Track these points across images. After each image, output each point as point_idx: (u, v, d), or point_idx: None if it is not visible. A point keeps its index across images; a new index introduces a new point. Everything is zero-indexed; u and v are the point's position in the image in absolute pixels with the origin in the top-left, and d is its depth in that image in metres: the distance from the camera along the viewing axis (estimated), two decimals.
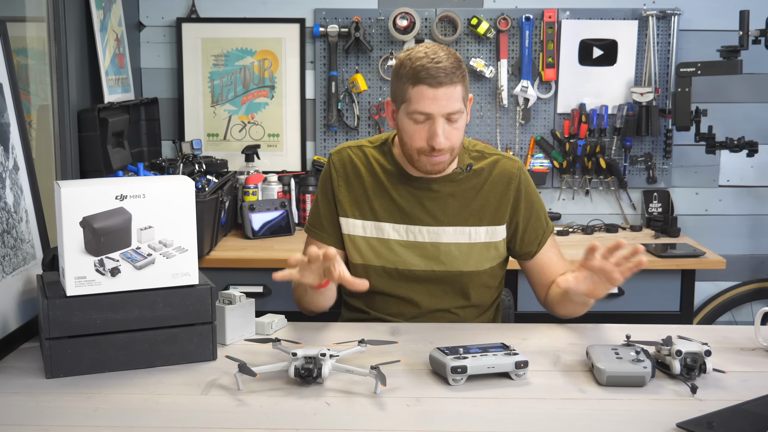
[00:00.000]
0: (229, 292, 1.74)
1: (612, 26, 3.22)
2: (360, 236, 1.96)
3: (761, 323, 1.71)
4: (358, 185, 1.96)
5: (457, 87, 1.79)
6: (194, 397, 1.46)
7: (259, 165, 3.28)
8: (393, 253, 1.94)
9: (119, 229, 1.56)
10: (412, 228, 1.94)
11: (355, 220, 1.96)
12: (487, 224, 1.94)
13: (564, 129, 3.27)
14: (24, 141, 1.84)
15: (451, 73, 1.77)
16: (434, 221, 1.93)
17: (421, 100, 1.78)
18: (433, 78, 1.76)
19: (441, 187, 1.93)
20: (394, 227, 1.94)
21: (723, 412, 1.35)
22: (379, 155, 1.98)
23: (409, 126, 1.82)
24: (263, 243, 2.98)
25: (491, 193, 1.94)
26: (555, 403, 1.43)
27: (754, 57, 3.11)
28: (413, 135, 1.82)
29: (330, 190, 1.99)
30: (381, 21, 3.24)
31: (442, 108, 1.78)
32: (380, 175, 1.96)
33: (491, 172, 1.95)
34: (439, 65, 1.76)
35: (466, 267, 1.94)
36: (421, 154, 1.83)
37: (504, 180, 1.95)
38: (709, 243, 3.13)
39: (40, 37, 2.45)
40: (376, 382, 1.45)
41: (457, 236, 1.93)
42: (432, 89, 1.76)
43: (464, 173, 1.94)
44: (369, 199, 1.95)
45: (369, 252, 1.95)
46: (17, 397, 1.45)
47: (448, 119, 1.80)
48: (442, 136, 1.79)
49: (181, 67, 3.29)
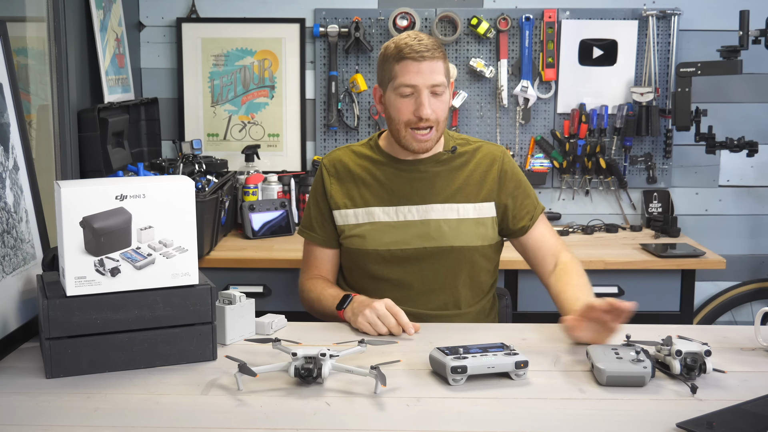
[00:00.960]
0: (229, 292, 1.74)
1: (612, 26, 3.22)
2: (353, 224, 2.04)
3: (761, 323, 1.71)
4: (349, 179, 2.06)
5: (439, 62, 1.92)
6: (194, 397, 1.46)
7: (259, 165, 3.28)
8: (385, 235, 2.01)
9: (119, 229, 1.56)
10: (401, 209, 2.02)
11: (347, 210, 2.04)
12: (474, 201, 2.02)
13: (564, 129, 3.27)
14: (24, 141, 1.84)
15: (432, 49, 1.91)
16: (422, 199, 2.01)
17: (407, 73, 1.91)
18: (416, 52, 1.90)
19: (427, 167, 2.03)
20: (384, 210, 2.02)
21: (723, 412, 1.35)
22: (367, 150, 2.09)
23: (396, 101, 1.94)
24: (263, 243, 2.98)
25: (476, 172, 2.04)
26: (555, 403, 1.43)
27: (754, 57, 3.11)
28: (400, 108, 1.93)
29: (321, 191, 2.08)
30: (381, 21, 3.24)
31: (427, 80, 1.90)
32: (368, 165, 2.06)
33: (475, 155, 2.06)
34: (421, 42, 1.91)
35: (456, 242, 2.00)
36: (408, 129, 1.94)
37: (488, 160, 2.05)
38: (709, 243, 3.13)
39: (40, 37, 2.45)
40: (376, 382, 1.45)
41: (446, 212, 2.01)
42: (416, 63, 1.90)
43: (449, 154, 2.04)
44: (359, 188, 2.04)
45: (362, 238, 2.02)
46: (17, 397, 1.45)
47: (433, 92, 1.92)
48: (428, 107, 1.90)
49: (181, 67, 3.29)
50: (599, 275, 2.78)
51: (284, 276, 2.77)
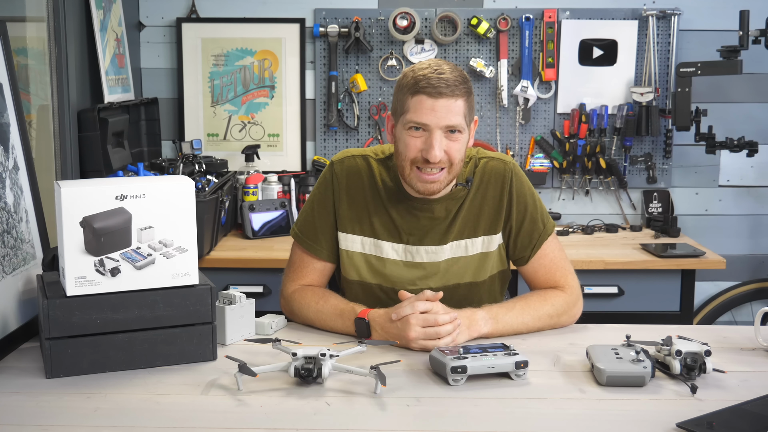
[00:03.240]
0: (229, 292, 1.74)
1: (612, 26, 3.22)
2: (358, 252, 1.90)
3: (761, 323, 1.71)
4: (360, 199, 1.89)
5: (459, 101, 1.71)
6: (194, 397, 1.46)
7: (259, 165, 3.28)
8: (391, 273, 1.88)
9: (119, 229, 1.56)
10: (410, 248, 1.87)
11: (354, 235, 1.89)
12: (482, 234, 1.88)
13: (564, 129, 3.27)
14: (24, 141, 1.84)
15: (453, 86, 1.70)
16: (433, 241, 1.87)
17: (420, 110, 1.71)
18: (433, 87, 1.69)
19: (442, 207, 1.85)
20: (393, 246, 1.88)
21: (723, 412, 1.35)
22: (383, 170, 1.89)
23: (405, 136, 1.75)
24: (263, 243, 2.98)
25: (485, 202, 1.88)
26: (555, 403, 1.43)
27: (754, 57, 3.11)
28: (408, 145, 1.74)
29: (330, 202, 1.91)
30: (381, 21, 3.24)
31: (440, 120, 1.70)
32: (381, 191, 1.88)
33: (482, 179, 1.88)
34: (441, 76, 1.70)
35: (462, 280, 1.89)
36: (413, 168, 1.76)
37: (496, 184, 1.87)
38: (709, 243, 3.13)
39: (40, 37, 2.45)
40: (376, 382, 1.45)
41: (454, 251, 1.88)
42: (431, 99, 1.70)
43: (465, 189, 1.86)
44: (369, 214, 1.88)
45: (366, 270, 1.90)
46: (17, 397, 1.45)
47: (447, 135, 1.73)
48: (438, 149, 1.70)
49: (181, 67, 3.29)
50: (599, 275, 2.78)
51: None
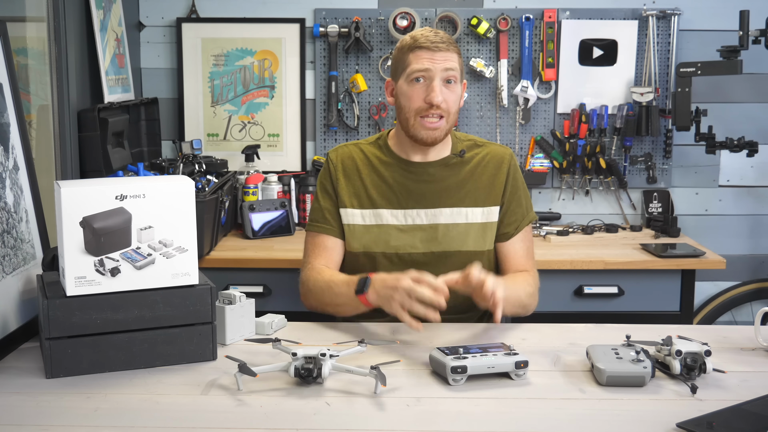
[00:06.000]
0: (229, 292, 1.74)
1: (612, 26, 3.22)
2: (359, 224, 2.02)
3: (761, 323, 1.71)
4: (356, 177, 2.05)
5: (454, 54, 1.94)
6: (194, 397, 1.46)
7: (259, 165, 3.28)
8: (392, 239, 2.00)
9: (119, 229, 1.56)
10: (409, 212, 2.01)
11: (353, 209, 2.03)
12: (482, 205, 2.03)
13: (564, 129, 3.27)
14: (24, 141, 1.84)
15: (447, 41, 1.94)
16: (431, 203, 2.01)
17: (420, 59, 1.92)
18: (431, 42, 1.92)
19: (436, 170, 2.02)
20: (392, 213, 2.02)
21: (723, 412, 1.35)
22: (375, 149, 2.08)
23: (408, 89, 1.94)
24: (263, 243, 2.97)
25: (484, 175, 2.04)
26: (555, 403, 1.43)
27: (754, 57, 3.11)
28: (411, 96, 1.94)
29: (330, 186, 2.07)
30: (381, 21, 3.24)
31: (439, 65, 1.91)
32: (377, 166, 2.05)
33: (484, 157, 2.06)
34: (437, 34, 1.94)
35: (464, 246, 2.00)
36: (418, 117, 1.94)
37: (496, 163, 2.05)
38: (709, 243, 3.13)
39: (40, 37, 2.45)
40: (376, 382, 1.45)
41: (454, 217, 2.01)
42: (430, 51, 1.92)
43: (458, 158, 2.04)
44: (366, 188, 2.03)
45: (369, 240, 2.01)
46: (17, 397, 1.45)
47: (446, 81, 1.93)
48: (440, 94, 1.91)
49: (181, 67, 3.29)
50: (599, 275, 2.78)
51: (284, 276, 2.77)
